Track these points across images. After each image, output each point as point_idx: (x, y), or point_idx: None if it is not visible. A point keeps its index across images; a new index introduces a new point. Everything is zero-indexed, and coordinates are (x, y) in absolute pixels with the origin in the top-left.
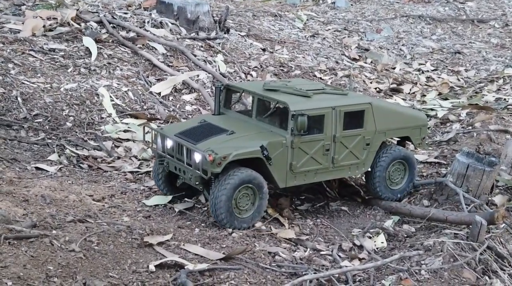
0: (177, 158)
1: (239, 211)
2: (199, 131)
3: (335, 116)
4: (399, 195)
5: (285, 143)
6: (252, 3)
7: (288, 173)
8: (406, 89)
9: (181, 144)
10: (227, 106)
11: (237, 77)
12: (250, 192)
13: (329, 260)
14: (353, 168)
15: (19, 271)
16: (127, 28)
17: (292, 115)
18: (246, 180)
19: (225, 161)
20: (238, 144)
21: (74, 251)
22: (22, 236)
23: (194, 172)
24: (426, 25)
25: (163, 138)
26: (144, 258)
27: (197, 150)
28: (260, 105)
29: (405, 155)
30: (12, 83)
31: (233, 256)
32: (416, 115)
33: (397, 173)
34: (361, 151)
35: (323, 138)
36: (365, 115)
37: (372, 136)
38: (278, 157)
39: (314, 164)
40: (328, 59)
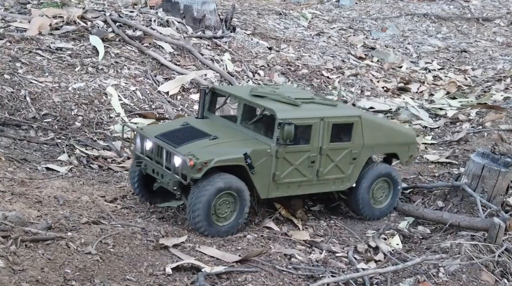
0: (156, 160)
1: (217, 218)
2: (180, 134)
3: (323, 128)
4: (381, 214)
5: (269, 152)
6: (256, 1)
7: (270, 183)
8: (413, 88)
9: (161, 146)
10: (212, 110)
11: (244, 76)
12: (231, 199)
13: (345, 262)
14: (338, 182)
15: (37, 274)
16: (133, 27)
17: (279, 124)
18: (227, 186)
19: (206, 166)
20: (220, 149)
21: (91, 253)
22: (38, 239)
23: (173, 176)
24: (431, 23)
25: (142, 139)
26: (160, 261)
27: (177, 153)
28: (246, 111)
29: (391, 173)
30: (20, 83)
31: (250, 258)
32: (405, 132)
33: (381, 191)
34: (347, 165)
35: (309, 149)
36: (354, 129)
37: (359, 150)
38: (261, 166)
39: (298, 175)
40: (334, 58)
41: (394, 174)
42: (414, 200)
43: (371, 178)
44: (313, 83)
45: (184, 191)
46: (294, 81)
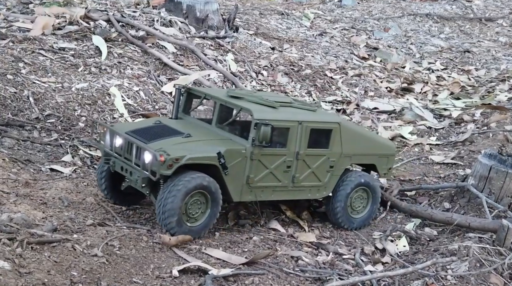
0: (125, 157)
1: (187, 219)
2: (152, 131)
3: (301, 132)
4: (358, 224)
5: (244, 153)
6: (258, 1)
7: (244, 186)
8: (417, 88)
9: (131, 142)
10: (187, 111)
11: (248, 76)
12: (203, 199)
13: (352, 264)
14: (314, 190)
15: (43, 277)
16: (136, 27)
17: (255, 124)
18: (200, 185)
19: (177, 163)
20: (193, 147)
21: (97, 256)
22: (44, 241)
23: (142, 172)
24: (433, 23)
25: (112, 135)
26: (167, 263)
27: (148, 148)
28: (221, 112)
29: (370, 182)
30: (23, 83)
31: (257, 260)
32: (385, 144)
33: (359, 201)
34: (324, 173)
35: (285, 153)
36: (332, 136)
37: (337, 158)
38: (235, 167)
39: (273, 180)
40: (337, 58)
41: (373, 183)
42: (420, 201)
43: (349, 186)
44: (316, 84)
45: (153, 190)
46: (297, 81)
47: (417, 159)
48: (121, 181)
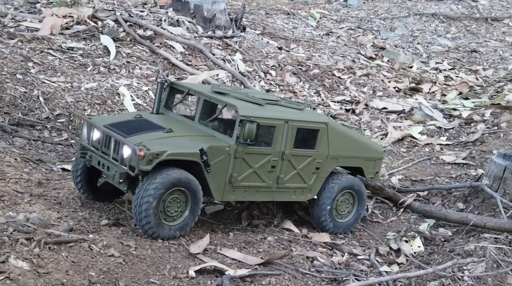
0: (102, 151)
1: (165, 217)
2: (132, 125)
3: (287, 131)
4: (344, 229)
5: (228, 150)
6: (264, 1)
7: (226, 185)
8: (425, 88)
9: (110, 135)
10: (168, 106)
11: (256, 76)
12: (182, 197)
13: (367, 265)
14: (299, 192)
15: (62, 277)
16: (144, 26)
17: (240, 121)
18: (180, 182)
19: (157, 158)
20: (175, 142)
21: (114, 256)
22: (61, 241)
23: (120, 167)
24: (440, 23)
25: (89, 128)
26: (183, 263)
27: (127, 142)
28: (205, 108)
29: (356, 185)
30: (33, 83)
31: (273, 261)
32: (372, 147)
33: (345, 204)
34: (309, 174)
35: (270, 153)
36: (319, 136)
37: (323, 160)
38: (218, 164)
39: (256, 180)
40: (344, 58)
41: (360, 186)
42: (433, 201)
43: (335, 190)
44: (325, 84)
45: (131, 186)
46: (306, 81)
47: (428, 159)
48: (98, 176)
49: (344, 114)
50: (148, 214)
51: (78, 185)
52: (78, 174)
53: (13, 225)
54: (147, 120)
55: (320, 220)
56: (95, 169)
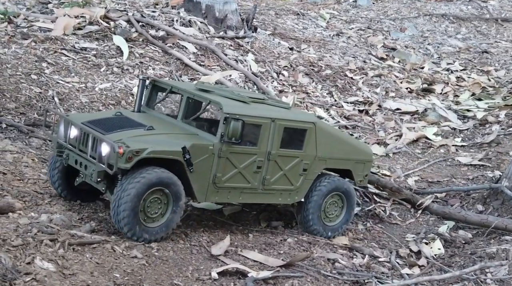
0: (80, 149)
1: (145, 218)
2: (111, 122)
3: (273, 130)
4: (332, 233)
5: (211, 149)
6: (273, 1)
7: (210, 186)
8: (437, 89)
9: (87, 132)
10: (150, 105)
11: (269, 76)
12: (164, 198)
13: (387, 267)
14: (285, 195)
15: (87, 278)
16: (156, 26)
17: (225, 118)
18: (161, 182)
19: (137, 156)
20: (156, 140)
21: (137, 257)
22: (84, 242)
23: (98, 165)
24: (450, 24)
25: (67, 126)
26: (205, 265)
27: (105, 139)
28: (188, 106)
29: (345, 188)
30: (48, 83)
31: (294, 262)
32: (362, 149)
33: (334, 208)
34: (296, 176)
35: (256, 152)
36: (307, 136)
37: (311, 161)
38: (201, 164)
39: (241, 180)
40: (355, 58)
41: (349, 188)
42: (451, 203)
43: (322, 192)
44: (337, 84)
45: (110, 186)
46: (318, 82)
47: (444, 160)
48: (75, 175)
49: (358, 115)
50: (127, 215)
51: (55, 184)
52: (55, 172)
53: (36, 226)
54: (127, 117)
55: (308, 223)
56: (72, 168)
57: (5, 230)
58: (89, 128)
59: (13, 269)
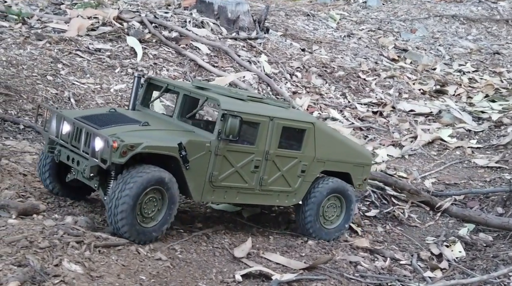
0: (72, 144)
1: (143, 219)
2: (105, 118)
3: (272, 129)
4: (333, 235)
5: (208, 146)
6: (283, 2)
7: (206, 184)
8: (450, 90)
9: (81, 127)
10: (145, 103)
11: (282, 78)
12: (158, 195)
13: (409, 270)
14: (283, 196)
15: (114, 281)
16: (169, 28)
17: (223, 115)
18: (158, 180)
19: (131, 151)
20: (151, 136)
21: (161, 259)
22: (110, 244)
23: (91, 160)
24: (460, 25)
25: (59, 121)
26: (228, 267)
27: (99, 134)
28: (184, 103)
29: (343, 188)
30: (63, 84)
31: (317, 265)
32: (361, 152)
33: (333, 209)
34: (294, 177)
35: (253, 151)
36: (305, 137)
37: (309, 163)
38: (197, 161)
39: (238, 180)
40: (367, 59)
41: (347, 189)
42: (470, 206)
43: (320, 194)
44: (350, 85)
45: (102, 183)
46: (331, 83)
47: (460, 162)
48: (66, 172)
49: (372, 117)
50: (125, 216)
51: (47, 181)
52: (45, 169)
53: (62, 228)
54: (121, 114)
55: (307, 226)
56: (63, 164)
57: (31, 232)
58: (82, 123)
59: (42, 271)
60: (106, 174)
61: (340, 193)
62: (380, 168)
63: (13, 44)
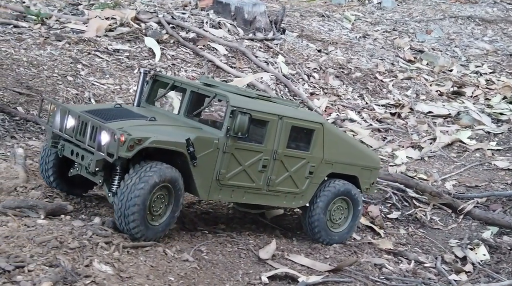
0: (77, 139)
1: (152, 218)
2: (111, 113)
3: (281, 128)
4: (341, 239)
5: (216, 143)
6: (297, 3)
7: (213, 183)
8: (468, 92)
9: (86, 121)
10: (150, 100)
11: (299, 79)
12: (165, 191)
13: (434, 273)
14: (290, 198)
15: (143, 282)
16: (186, 28)
17: (232, 112)
18: (163, 179)
19: (139, 145)
20: (158, 130)
21: (188, 261)
22: (138, 245)
23: (97, 154)
24: (476, 26)
25: (63, 115)
26: (254, 269)
27: (105, 127)
28: (192, 100)
29: (350, 191)
30: (83, 85)
31: (342, 268)
32: (369, 155)
33: (339, 212)
34: (302, 178)
35: (262, 150)
36: (314, 137)
37: (317, 164)
38: (205, 158)
39: (246, 179)
40: (383, 60)
41: (354, 191)
42: (493, 208)
43: (327, 196)
44: (368, 87)
45: (106, 179)
46: (349, 84)
47: (480, 164)
48: (68, 167)
49: (390, 118)
50: (136, 214)
51: (50, 178)
52: (49, 165)
53: (91, 228)
54: (127, 109)
55: (313, 230)
56: (66, 160)
57: (60, 232)
58: (88, 116)
59: (73, 271)
60: (111, 169)
61: (347, 195)
62: (400, 170)
63: (33, 44)
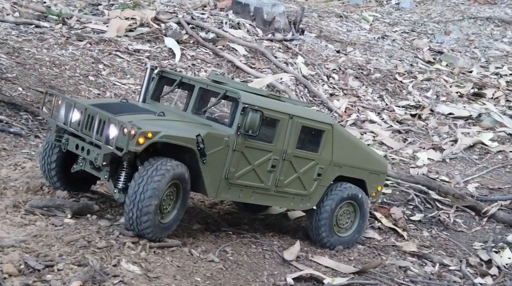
0: (83, 132)
1: (162, 216)
2: (119, 106)
3: (291, 127)
4: (347, 244)
5: (227, 141)
6: (315, 4)
7: (222, 181)
8: (488, 94)
9: (93, 114)
10: (156, 97)
11: (319, 80)
12: (174, 191)
13: (459, 276)
14: (297, 200)
15: (171, 282)
16: (206, 29)
17: (243, 109)
18: (179, 176)
19: (149, 139)
20: (168, 125)
21: (214, 261)
22: (164, 245)
23: (105, 148)
24: (495, 27)
25: (69, 108)
26: (279, 270)
27: (114, 120)
28: (200, 97)
29: (356, 194)
30: (105, 85)
31: (367, 270)
32: (378, 159)
33: (346, 216)
34: (310, 180)
35: (271, 150)
36: (323, 138)
37: (326, 166)
38: (215, 156)
39: (255, 179)
40: (402, 61)
41: (362, 196)
42: None
43: (334, 200)
44: (387, 88)
45: (112, 175)
46: (368, 85)
47: (503, 167)
48: (71, 163)
49: (410, 120)
50: (150, 213)
51: (52, 172)
52: (52, 160)
53: (117, 228)
54: (134, 104)
55: (321, 235)
56: (69, 155)
57: (88, 232)
58: (96, 110)
59: (101, 271)
60: (117, 165)
61: (354, 199)
62: (421, 172)
63: (55, 44)
